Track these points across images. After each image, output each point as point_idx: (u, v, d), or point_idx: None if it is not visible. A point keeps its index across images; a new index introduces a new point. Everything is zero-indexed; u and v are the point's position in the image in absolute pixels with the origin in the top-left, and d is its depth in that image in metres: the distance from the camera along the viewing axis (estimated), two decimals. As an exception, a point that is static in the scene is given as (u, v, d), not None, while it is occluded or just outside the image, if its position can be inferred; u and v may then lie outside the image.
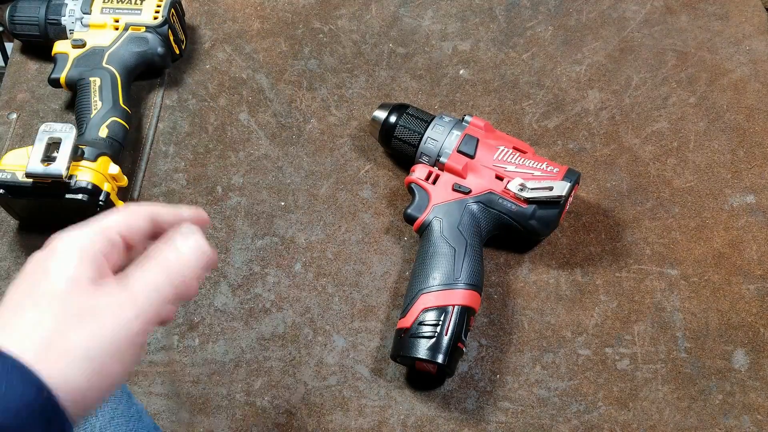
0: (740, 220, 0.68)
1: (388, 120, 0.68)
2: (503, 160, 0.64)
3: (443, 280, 0.60)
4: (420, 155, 0.66)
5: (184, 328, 0.65)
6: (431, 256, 0.61)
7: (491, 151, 0.64)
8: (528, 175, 0.63)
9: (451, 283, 0.59)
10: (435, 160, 0.66)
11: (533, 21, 0.81)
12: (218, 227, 0.69)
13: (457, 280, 0.60)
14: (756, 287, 0.65)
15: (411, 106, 0.69)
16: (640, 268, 0.66)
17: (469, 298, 0.59)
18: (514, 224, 0.63)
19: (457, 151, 0.64)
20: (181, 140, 0.74)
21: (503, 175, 0.63)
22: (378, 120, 0.69)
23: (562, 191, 0.61)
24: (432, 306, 0.59)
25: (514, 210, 0.62)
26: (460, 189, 0.63)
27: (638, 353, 0.63)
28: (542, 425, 0.60)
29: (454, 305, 0.59)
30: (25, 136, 0.75)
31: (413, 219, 0.64)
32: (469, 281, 0.60)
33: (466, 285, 0.59)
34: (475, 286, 0.60)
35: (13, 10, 0.76)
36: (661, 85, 0.76)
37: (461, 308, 0.59)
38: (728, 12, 0.81)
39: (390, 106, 0.69)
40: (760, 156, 0.72)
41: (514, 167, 0.63)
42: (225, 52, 0.80)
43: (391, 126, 0.68)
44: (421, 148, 0.66)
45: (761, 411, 0.60)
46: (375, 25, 0.81)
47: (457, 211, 0.63)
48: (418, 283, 0.60)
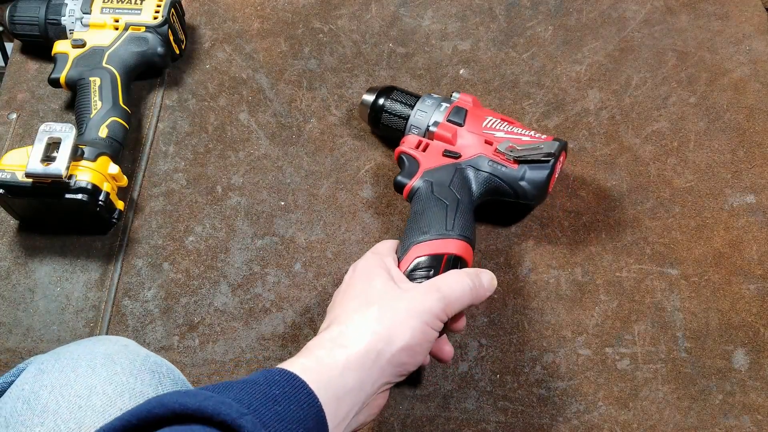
0: (740, 219, 0.68)
1: (376, 101, 0.69)
2: (492, 127, 0.64)
3: (436, 231, 0.58)
4: (410, 128, 0.67)
5: (184, 329, 0.65)
6: (422, 212, 0.60)
7: (480, 120, 0.65)
8: (517, 139, 0.63)
9: (444, 233, 0.58)
10: (425, 131, 0.66)
11: (533, 21, 0.81)
12: (218, 227, 0.69)
13: (450, 231, 0.58)
14: (756, 287, 0.65)
15: (398, 87, 0.70)
16: (640, 268, 0.66)
17: (462, 248, 0.58)
18: (504, 186, 0.62)
19: (446, 120, 0.65)
20: (181, 140, 0.74)
21: (492, 140, 0.63)
22: (367, 103, 0.69)
23: (551, 149, 0.61)
24: (425, 254, 0.57)
25: (505, 171, 0.62)
26: (450, 154, 0.63)
27: (638, 353, 0.63)
28: (542, 425, 0.60)
29: (447, 254, 0.57)
30: (25, 136, 0.75)
31: (402, 185, 0.63)
32: (463, 233, 0.58)
33: (459, 236, 0.58)
34: (468, 238, 0.59)
35: (13, 10, 0.76)
36: (661, 84, 0.76)
37: (454, 257, 0.57)
38: (728, 12, 0.81)
39: (378, 88, 0.70)
40: (760, 156, 0.72)
41: (503, 133, 0.64)
42: (225, 52, 0.80)
43: (379, 107, 0.68)
44: (410, 120, 0.67)
45: (761, 411, 0.60)
46: (375, 24, 0.81)
47: (447, 173, 0.62)
48: (409, 238, 0.59)
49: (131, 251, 0.68)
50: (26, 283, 0.67)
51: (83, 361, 0.48)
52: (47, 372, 0.47)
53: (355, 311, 0.50)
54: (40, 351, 0.63)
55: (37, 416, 0.45)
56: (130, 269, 0.68)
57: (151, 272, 0.67)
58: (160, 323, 0.65)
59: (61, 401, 0.45)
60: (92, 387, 0.46)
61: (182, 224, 0.70)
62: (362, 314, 0.50)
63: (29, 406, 0.46)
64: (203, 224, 0.70)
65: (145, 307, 0.66)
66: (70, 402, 0.45)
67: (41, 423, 0.45)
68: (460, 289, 0.52)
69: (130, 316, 0.65)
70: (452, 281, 0.53)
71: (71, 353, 0.49)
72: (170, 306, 0.66)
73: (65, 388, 0.46)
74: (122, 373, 0.48)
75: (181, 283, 0.67)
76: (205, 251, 0.68)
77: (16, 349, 0.64)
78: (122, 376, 0.48)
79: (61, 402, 0.45)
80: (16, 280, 0.67)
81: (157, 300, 0.66)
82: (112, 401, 0.46)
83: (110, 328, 0.65)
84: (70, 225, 0.69)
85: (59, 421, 0.45)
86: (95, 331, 0.65)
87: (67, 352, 0.50)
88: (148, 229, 0.69)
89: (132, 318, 0.65)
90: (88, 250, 0.68)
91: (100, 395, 0.46)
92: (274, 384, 0.42)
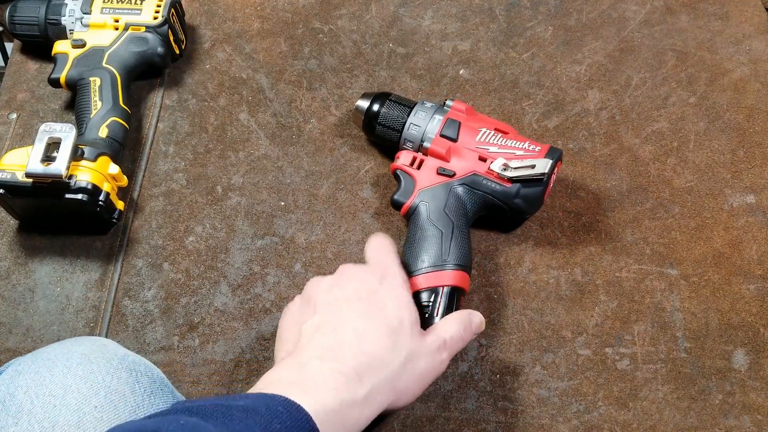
0: (740, 219, 0.68)
1: (371, 108, 0.69)
2: (485, 141, 0.64)
3: (432, 262, 0.60)
4: (404, 141, 0.67)
5: (184, 329, 0.65)
6: (419, 239, 0.62)
7: (473, 134, 0.65)
8: (510, 155, 0.63)
9: (440, 264, 0.60)
10: (419, 145, 0.66)
11: (533, 21, 0.81)
12: (218, 227, 0.70)
13: (446, 261, 0.60)
14: (756, 287, 0.65)
15: (393, 93, 0.70)
16: (640, 268, 0.66)
17: (458, 278, 0.60)
18: (499, 204, 0.64)
19: (439, 135, 0.65)
20: (181, 140, 0.74)
21: (486, 156, 0.64)
22: (361, 109, 0.69)
23: (544, 168, 0.61)
24: (422, 288, 0.59)
25: (499, 190, 0.63)
26: (444, 172, 0.64)
27: (638, 353, 0.63)
28: (542, 425, 0.60)
29: (444, 286, 0.59)
30: (25, 136, 0.75)
31: (400, 205, 0.65)
32: (458, 262, 0.60)
33: (454, 266, 0.60)
34: (463, 266, 0.61)
35: (13, 10, 0.76)
36: (661, 85, 0.76)
37: (451, 288, 0.59)
38: (728, 12, 0.81)
39: (372, 95, 0.70)
40: (759, 156, 0.72)
41: (497, 148, 0.64)
42: (225, 52, 0.80)
43: (374, 114, 0.69)
44: (404, 134, 0.67)
45: (761, 411, 0.60)
46: (375, 25, 0.81)
47: (442, 194, 0.63)
48: (407, 267, 0.61)
49: (131, 251, 0.68)
50: (26, 283, 0.67)
51: (59, 362, 0.48)
52: (23, 373, 0.48)
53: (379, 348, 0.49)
54: (40, 351, 0.63)
55: (11, 417, 0.45)
56: (130, 269, 0.68)
57: (151, 272, 0.67)
58: (160, 323, 0.65)
59: (35, 401, 0.46)
60: (67, 386, 0.47)
61: (182, 224, 0.70)
62: (385, 361, 0.49)
63: (4, 407, 0.46)
64: (203, 224, 0.70)
65: (145, 307, 0.66)
66: (44, 401, 0.46)
67: (15, 423, 0.45)
68: (460, 340, 0.55)
69: (130, 316, 0.65)
70: (455, 335, 0.54)
71: (48, 354, 0.49)
72: (170, 306, 0.66)
73: (40, 388, 0.46)
74: (98, 372, 0.48)
75: (181, 283, 0.67)
76: (205, 251, 0.68)
77: (16, 349, 0.64)
78: (98, 375, 0.48)
79: (35, 402, 0.46)
80: (16, 280, 0.67)
81: (157, 300, 0.66)
82: (87, 399, 0.46)
83: (110, 328, 0.65)
84: (70, 225, 0.69)
85: (33, 421, 0.45)
86: (95, 331, 0.65)
87: (45, 353, 0.50)
88: (148, 229, 0.69)
89: (132, 318, 0.65)
90: (88, 250, 0.68)
91: (75, 393, 0.46)
92: (276, 417, 0.41)
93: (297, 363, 0.48)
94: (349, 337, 0.49)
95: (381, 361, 0.48)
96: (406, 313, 0.52)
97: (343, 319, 0.51)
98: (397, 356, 0.49)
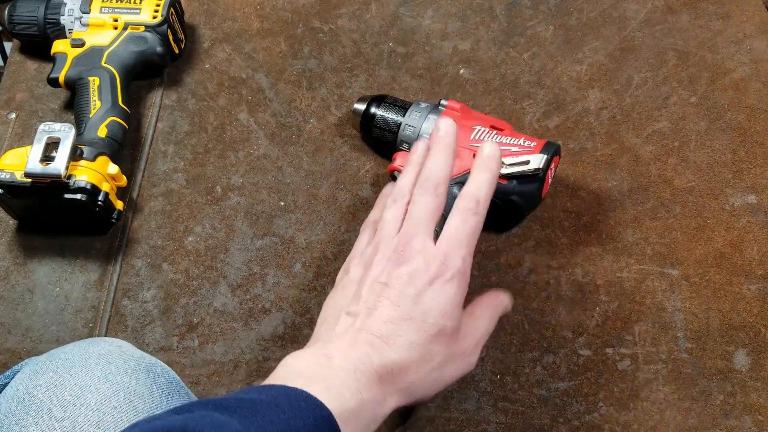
0: (741, 220, 0.68)
1: (367, 111, 0.69)
2: (480, 139, 0.64)
3: None
4: (400, 143, 0.67)
5: (183, 329, 0.65)
6: None
7: (468, 132, 0.65)
8: (505, 151, 0.63)
9: None
10: None
11: (534, 20, 0.81)
12: (217, 227, 0.69)
13: None
14: (757, 287, 0.65)
15: (389, 96, 0.70)
16: (641, 268, 0.66)
17: None
18: (495, 201, 0.62)
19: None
20: (181, 140, 0.74)
21: None
22: (358, 112, 0.70)
23: (538, 164, 0.61)
24: None
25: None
26: None
27: (639, 353, 0.62)
28: (542, 426, 0.60)
29: None
30: (24, 135, 0.74)
31: None
32: None
33: None
34: None
35: (11, 10, 0.75)
36: (662, 84, 0.76)
37: None
38: (729, 11, 0.81)
39: (369, 98, 0.70)
40: (761, 156, 0.72)
41: None
42: (224, 52, 0.80)
43: (370, 117, 0.69)
44: (400, 135, 0.67)
45: (762, 412, 0.60)
46: (375, 24, 0.81)
47: None
48: None
49: (130, 251, 0.68)
50: (25, 284, 0.67)
51: (78, 362, 0.48)
52: (42, 372, 0.48)
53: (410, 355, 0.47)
54: (39, 352, 0.63)
55: (31, 416, 0.45)
56: (130, 269, 0.67)
57: (151, 272, 0.67)
58: (160, 324, 0.65)
59: (55, 400, 0.45)
60: (86, 386, 0.46)
61: (182, 224, 0.69)
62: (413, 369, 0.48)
63: (23, 406, 0.46)
64: (203, 224, 0.69)
65: (145, 307, 0.66)
66: (64, 401, 0.45)
67: (35, 422, 0.45)
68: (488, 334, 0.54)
69: (129, 316, 0.65)
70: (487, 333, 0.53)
71: (66, 354, 0.49)
72: (169, 306, 0.66)
73: (59, 388, 0.46)
74: (117, 373, 0.48)
75: (181, 283, 0.67)
76: (204, 251, 0.68)
77: (15, 350, 0.64)
78: (117, 375, 0.48)
79: (55, 401, 0.45)
80: (15, 280, 0.67)
81: (156, 300, 0.66)
82: (107, 399, 0.46)
83: (109, 328, 0.65)
84: (69, 225, 0.69)
85: (53, 420, 0.45)
86: (94, 331, 0.65)
87: (62, 353, 0.50)
88: (147, 230, 0.69)
89: (131, 318, 0.65)
90: (87, 250, 0.68)
91: (95, 393, 0.46)
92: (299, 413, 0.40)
93: (325, 355, 0.46)
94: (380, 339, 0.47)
95: (409, 369, 0.47)
96: (449, 322, 0.49)
97: (379, 317, 0.48)
98: (427, 365, 0.48)
